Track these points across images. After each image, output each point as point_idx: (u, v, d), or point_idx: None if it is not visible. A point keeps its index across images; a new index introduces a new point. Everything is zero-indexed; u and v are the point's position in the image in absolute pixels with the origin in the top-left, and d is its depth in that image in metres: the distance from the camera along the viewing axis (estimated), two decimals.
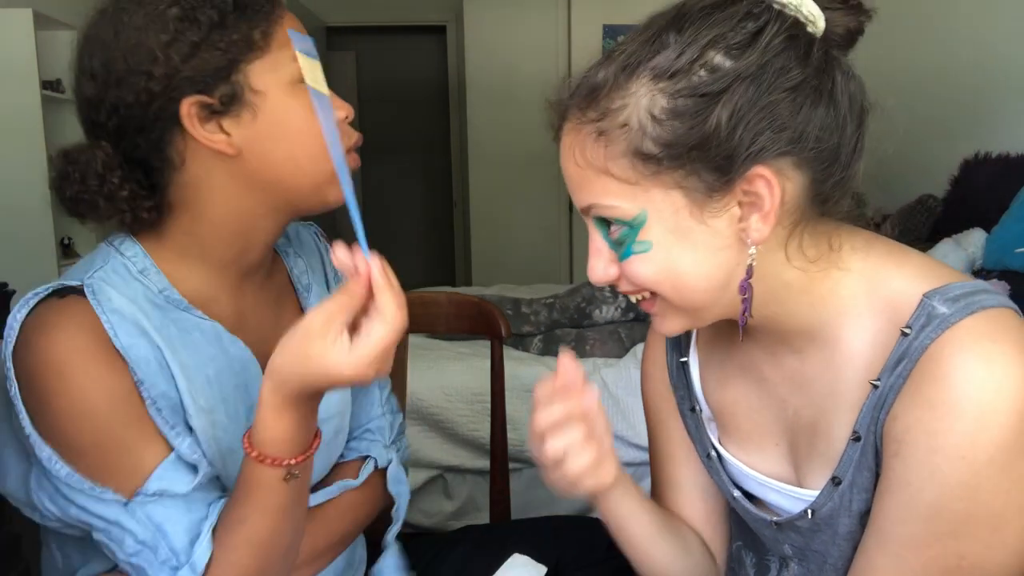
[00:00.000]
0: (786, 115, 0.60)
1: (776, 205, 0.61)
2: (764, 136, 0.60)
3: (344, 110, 0.81)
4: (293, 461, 0.72)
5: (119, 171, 0.76)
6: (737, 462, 0.79)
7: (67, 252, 3.24)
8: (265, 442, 0.71)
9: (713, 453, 0.81)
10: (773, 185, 0.61)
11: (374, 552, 1.04)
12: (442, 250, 6.08)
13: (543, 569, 1.02)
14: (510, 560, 1.02)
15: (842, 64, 0.64)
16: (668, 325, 0.70)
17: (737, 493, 0.79)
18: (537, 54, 4.07)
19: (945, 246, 2.48)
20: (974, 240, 2.47)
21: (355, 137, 0.84)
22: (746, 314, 0.66)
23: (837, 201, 0.65)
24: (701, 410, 0.83)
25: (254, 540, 0.73)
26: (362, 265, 0.66)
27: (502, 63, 4.08)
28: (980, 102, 2.95)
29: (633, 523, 0.81)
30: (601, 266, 0.68)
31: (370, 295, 0.67)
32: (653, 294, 0.67)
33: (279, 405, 0.69)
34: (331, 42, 5.09)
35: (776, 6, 0.62)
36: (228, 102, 0.75)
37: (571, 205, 4.08)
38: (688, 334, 0.85)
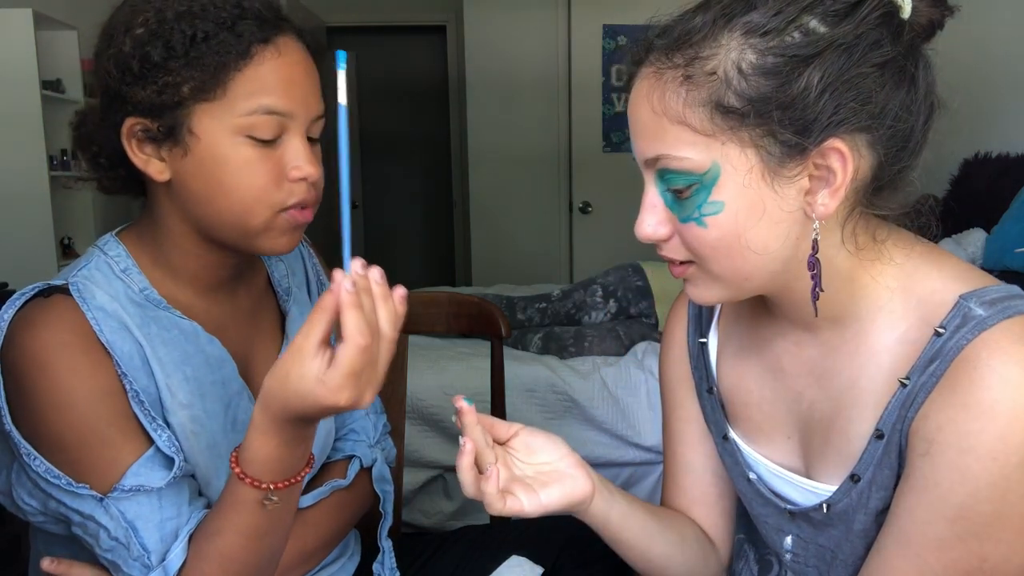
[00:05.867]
0: (871, 90, 0.60)
1: (847, 180, 0.61)
2: (847, 107, 0.59)
3: (301, 172, 0.77)
4: (272, 486, 0.70)
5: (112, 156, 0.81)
6: (749, 449, 0.79)
7: (67, 252, 3.25)
8: (248, 461, 0.69)
9: (730, 434, 0.81)
10: (848, 159, 0.60)
11: (367, 545, 1.05)
12: (442, 250, 6.08)
13: (540, 570, 1.02)
14: (508, 561, 1.03)
15: (924, 53, 0.64)
16: (703, 294, 0.69)
17: (753, 476, 0.79)
18: (537, 54, 4.06)
19: (945, 246, 2.48)
20: (974, 240, 2.47)
21: (301, 195, 0.78)
22: (817, 289, 0.65)
23: (891, 193, 0.65)
24: (718, 391, 0.83)
25: (226, 554, 0.73)
26: (336, 276, 0.61)
27: (502, 63, 4.08)
28: (980, 102, 2.94)
29: (627, 526, 0.78)
30: (652, 222, 0.66)
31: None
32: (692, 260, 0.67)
33: (265, 427, 0.67)
34: (331, 42, 5.09)
35: None
36: (167, 133, 0.75)
37: (571, 205, 4.08)
38: (710, 315, 0.84)
